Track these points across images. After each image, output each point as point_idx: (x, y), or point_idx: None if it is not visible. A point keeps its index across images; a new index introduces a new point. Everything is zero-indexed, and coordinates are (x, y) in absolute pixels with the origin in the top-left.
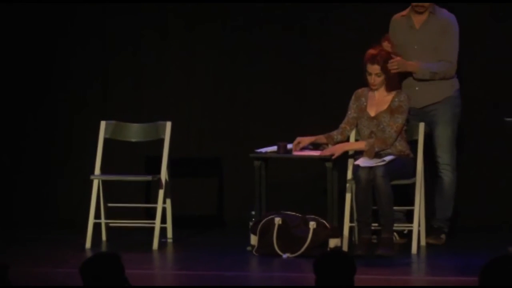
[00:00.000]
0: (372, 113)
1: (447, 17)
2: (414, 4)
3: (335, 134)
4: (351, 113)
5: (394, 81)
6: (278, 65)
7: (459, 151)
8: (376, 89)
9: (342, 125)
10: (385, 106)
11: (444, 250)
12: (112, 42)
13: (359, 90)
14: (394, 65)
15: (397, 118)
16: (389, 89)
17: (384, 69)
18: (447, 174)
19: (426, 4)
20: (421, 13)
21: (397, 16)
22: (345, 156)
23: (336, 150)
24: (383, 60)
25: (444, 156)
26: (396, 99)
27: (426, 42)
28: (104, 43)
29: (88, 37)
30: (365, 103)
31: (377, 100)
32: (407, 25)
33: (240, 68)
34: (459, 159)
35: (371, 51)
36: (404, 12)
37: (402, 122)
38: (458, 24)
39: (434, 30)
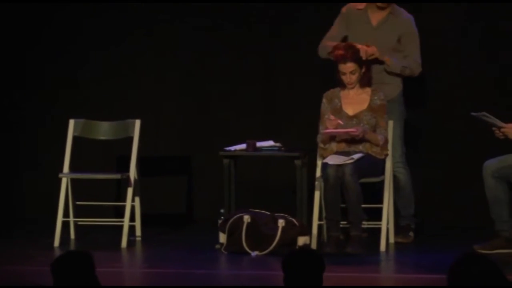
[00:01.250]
0: (350, 112)
1: (407, 18)
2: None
3: (326, 142)
4: (327, 116)
5: (368, 76)
6: (247, 64)
7: (428, 151)
8: (353, 88)
9: (322, 130)
10: (365, 105)
11: (413, 248)
12: (82, 41)
13: (329, 92)
14: (371, 51)
15: (385, 118)
16: (363, 84)
17: (359, 63)
18: (400, 171)
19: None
20: (383, 9)
21: (352, 7)
22: (313, 153)
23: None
24: (355, 55)
25: (396, 154)
26: (376, 98)
27: (384, 41)
28: (74, 42)
29: (58, 36)
30: (339, 104)
31: (353, 98)
32: (363, 20)
33: (209, 67)
34: (429, 159)
35: (339, 52)
36: (360, 6)
37: (387, 121)
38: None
39: (393, 30)
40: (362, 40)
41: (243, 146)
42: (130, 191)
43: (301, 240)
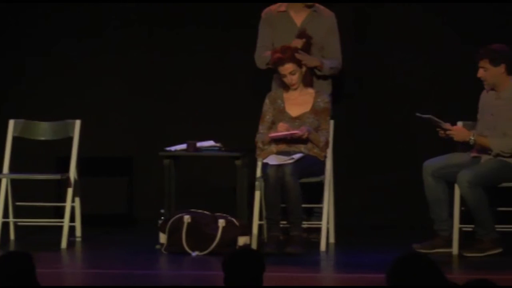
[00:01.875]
0: (293, 113)
1: (330, 16)
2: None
3: (265, 143)
4: (269, 117)
5: (310, 77)
6: (188, 65)
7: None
8: (296, 88)
9: (262, 130)
10: (308, 107)
11: (353, 248)
12: (24, 41)
13: (272, 93)
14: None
15: (328, 121)
16: (306, 84)
17: (298, 63)
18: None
19: None
20: (309, 7)
21: (272, 10)
22: (254, 154)
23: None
24: (292, 56)
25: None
26: (319, 100)
27: (313, 42)
28: (16, 42)
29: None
30: (282, 105)
31: (296, 99)
32: (286, 21)
33: (150, 67)
34: (372, 160)
35: (276, 55)
36: (281, 8)
37: (329, 124)
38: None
39: (319, 28)
40: (288, 41)
41: (183, 146)
42: (70, 191)
43: (242, 240)
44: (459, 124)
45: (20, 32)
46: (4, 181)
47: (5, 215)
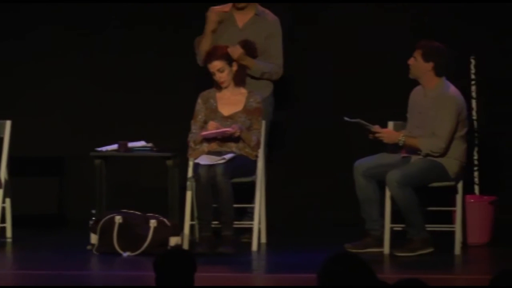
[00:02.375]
0: (225, 112)
1: (273, 20)
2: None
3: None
4: (202, 116)
5: (241, 75)
6: (119, 66)
7: (298, 151)
8: (226, 86)
9: (195, 130)
10: (240, 106)
11: (285, 247)
12: None
13: (205, 93)
14: (236, 52)
15: (260, 121)
16: (237, 83)
17: (228, 61)
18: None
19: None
20: (241, 9)
21: (218, 9)
22: (186, 154)
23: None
24: (221, 54)
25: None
26: (252, 100)
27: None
28: None
29: None
30: (215, 104)
31: (229, 99)
32: (229, 22)
33: (82, 68)
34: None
35: (206, 54)
36: (226, 8)
37: (261, 124)
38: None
39: (260, 32)
40: (229, 42)
41: (114, 146)
42: (0, 192)
43: (173, 240)
44: (390, 124)
45: None
46: None
47: None
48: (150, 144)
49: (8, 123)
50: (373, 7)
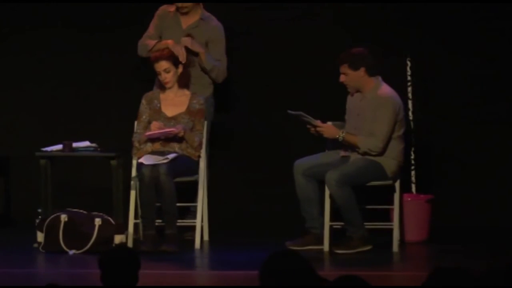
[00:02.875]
0: (169, 113)
1: (216, 25)
2: (178, 5)
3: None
4: (146, 117)
5: (186, 78)
6: (64, 66)
7: (240, 152)
8: (171, 87)
9: (139, 130)
10: (183, 108)
11: (227, 245)
12: None
13: (149, 93)
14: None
15: (202, 123)
16: (181, 85)
17: (174, 63)
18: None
19: (189, 4)
20: (185, 13)
21: (165, 8)
22: (130, 154)
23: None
24: (168, 55)
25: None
26: (195, 102)
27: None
28: None
29: None
30: (158, 105)
31: (173, 100)
32: (174, 21)
33: (26, 67)
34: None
35: (154, 54)
36: (171, 8)
37: (204, 125)
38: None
39: (201, 35)
40: (175, 42)
41: (59, 146)
42: None
43: (118, 239)
44: (329, 124)
45: None
46: None
47: None
48: (94, 144)
49: None
50: (310, 7)
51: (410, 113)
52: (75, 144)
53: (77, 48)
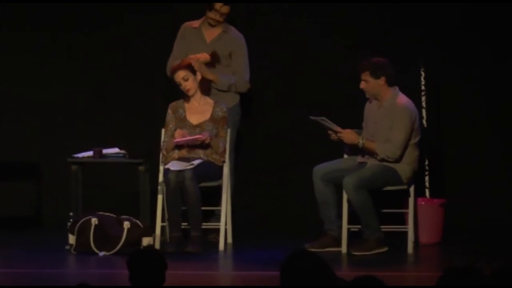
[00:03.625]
0: (193, 121)
1: (237, 37)
2: (220, 9)
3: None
4: (172, 126)
5: (206, 85)
6: (96, 75)
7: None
8: (193, 94)
9: (166, 138)
10: (207, 115)
11: (249, 247)
12: None
13: (174, 103)
14: (197, 64)
15: (226, 129)
16: (203, 92)
17: (191, 71)
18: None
19: (221, 19)
20: (213, 26)
21: (188, 26)
22: (157, 159)
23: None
24: (184, 65)
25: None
26: (218, 109)
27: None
28: None
29: None
30: (184, 113)
31: (197, 109)
32: (198, 37)
33: (58, 78)
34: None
35: (172, 68)
36: (195, 24)
37: (227, 132)
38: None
39: (225, 47)
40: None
41: (90, 153)
42: None
43: (145, 241)
44: (349, 130)
45: None
46: None
47: None
48: (123, 151)
49: None
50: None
51: (424, 121)
52: (104, 151)
53: (109, 58)
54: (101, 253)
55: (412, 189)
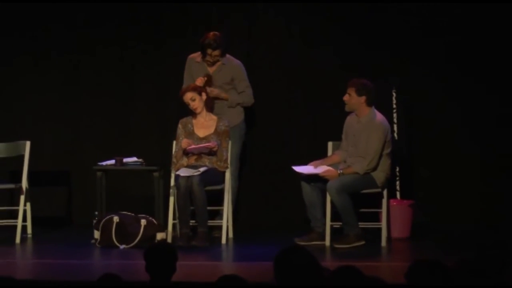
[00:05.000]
0: (200, 134)
1: (237, 65)
2: (211, 53)
3: (179, 159)
4: (182, 138)
5: (211, 103)
6: (114, 89)
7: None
8: (200, 112)
9: (177, 149)
10: (212, 129)
11: (248, 241)
12: None
13: (183, 119)
14: (213, 92)
15: (227, 141)
16: (208, 109)
17: (197, 92)
18: (231, 183)
19: (218, 53)
20: (212, 64)
21: (192, 59)
22: (169, 167)
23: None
24: (192, 88)
25: (231, 168)
26: (221, 124)
27: (221, 83)
28: None
29: None
30: (192, 128)
31: (203, 124)
32: (201, 69)
33: (87, 93)
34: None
35: (181, 91)
36: (198, 59)
37: (228, 143)
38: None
39: (226, 76)
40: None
41: (112, 161)
42: (22, 198)
43: (159, 236)
44: (329, 144)
45: None
46: None
47: None
48: (140, 160)
49: (27, 143)
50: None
51: (395, 135)
52: (125, 160)
53: (132, 81)
54: (122, 247)
55: (385, 192)
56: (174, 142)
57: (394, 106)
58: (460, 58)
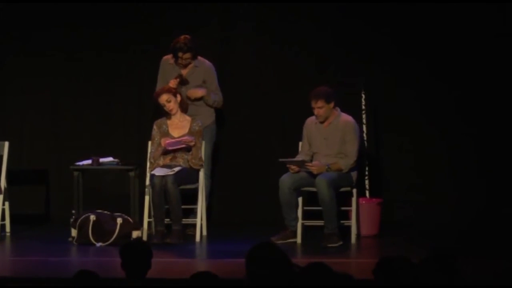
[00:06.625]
0: (175, 134)
1: (208, 67)
2: (182, 56)
3: (156, 159)
4: (157, 139)
5: (185, 104)
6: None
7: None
8: (175, 113)
9: (153, 149)
10: (186, 130)
11: (221, 239)
12: None
13: (158, 121)
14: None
15: (201, 140)
16: (183, 110)
17: (172, 94)
18: (205, 182)
19: (189, 56)
20: (184, 66)
21: (165, 61)
22: (144, 166)
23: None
24: (167, 90)
25: (205, 167)
26: (194, 124)
27: (194, 84)
28: None
29: None
30: (166, 128)
31: (177, 124)
32: (174, 70)
33: (60, 98)
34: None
35: (155, 92)
36: (171, 61)
37: (201, 142)
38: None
39: (199, 78)
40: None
41: (89, 161)
42: (0, 198)
43: (135, 234)
44: (300, 143)
45: None
46: None
47: None
48: (116, 160)
49: (6, 144)
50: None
51: (364, 135)
52: (101, 159)
53: (111, 86)
54: (98, 244)
55: (355, 191)
56: (149, 143)
57: (363, 107)
58: (427, 58)
